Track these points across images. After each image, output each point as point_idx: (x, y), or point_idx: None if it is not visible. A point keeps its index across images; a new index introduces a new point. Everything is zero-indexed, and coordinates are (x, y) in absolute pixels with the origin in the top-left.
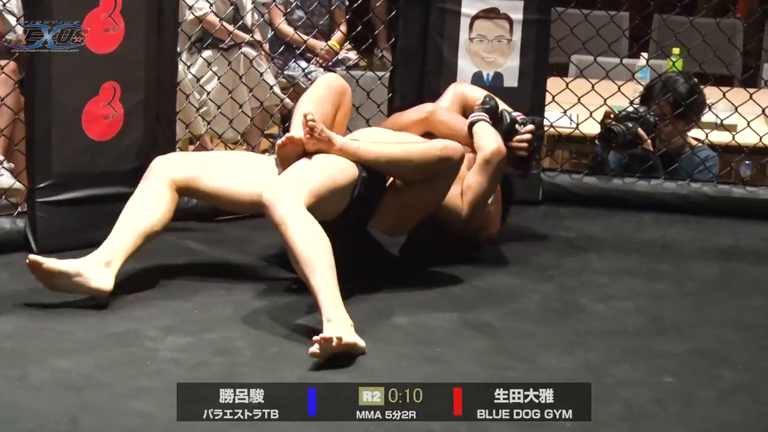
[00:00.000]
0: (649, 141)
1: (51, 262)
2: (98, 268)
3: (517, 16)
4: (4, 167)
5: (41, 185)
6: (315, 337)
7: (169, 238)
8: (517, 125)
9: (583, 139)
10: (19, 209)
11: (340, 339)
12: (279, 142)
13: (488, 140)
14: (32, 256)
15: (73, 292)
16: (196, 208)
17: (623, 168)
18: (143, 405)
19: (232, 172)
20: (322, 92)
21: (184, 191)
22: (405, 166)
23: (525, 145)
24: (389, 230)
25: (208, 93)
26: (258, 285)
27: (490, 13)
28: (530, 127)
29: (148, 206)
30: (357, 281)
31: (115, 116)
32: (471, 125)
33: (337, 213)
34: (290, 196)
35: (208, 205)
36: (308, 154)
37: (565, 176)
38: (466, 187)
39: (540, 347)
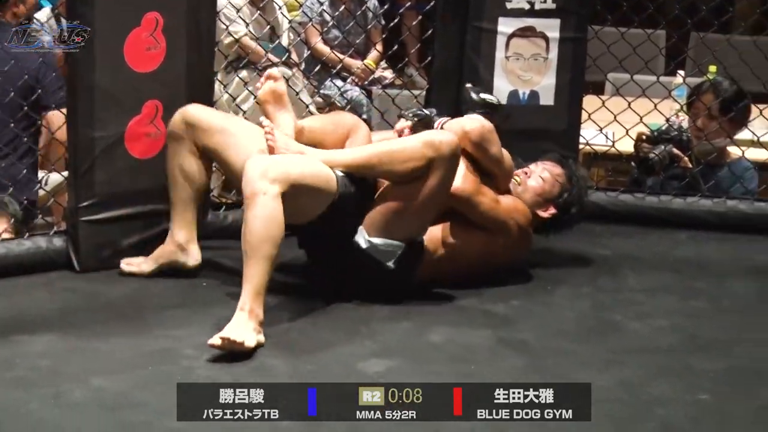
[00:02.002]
0: (686, 158)
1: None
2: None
3: (554, 34)
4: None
5: (84, 204)
6: (221, 334)
7: (206, 256)
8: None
9: (618, 157)
10: (56, 228)
11: (241, 344)
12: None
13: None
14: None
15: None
16: (231, 227)
17: (660, 187)
18: (179, 424)
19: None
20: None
21: (205, 155)
22: (388, 166)
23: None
24: (378, 233)
25: (245, 112)
26: (295, 303)
27: (527, 32)
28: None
29: (189, 177)
30: (387, 301)
31: (157, 134)
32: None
33: (312, 215)
34: (270, 178)
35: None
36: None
37: (601, 194)
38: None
39: (576, 365)
